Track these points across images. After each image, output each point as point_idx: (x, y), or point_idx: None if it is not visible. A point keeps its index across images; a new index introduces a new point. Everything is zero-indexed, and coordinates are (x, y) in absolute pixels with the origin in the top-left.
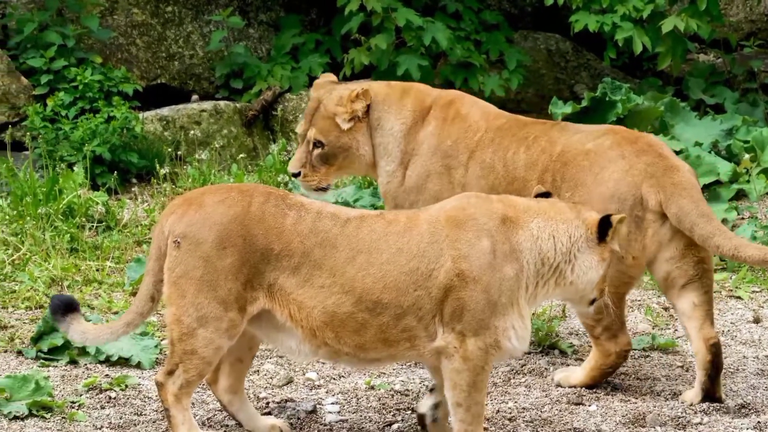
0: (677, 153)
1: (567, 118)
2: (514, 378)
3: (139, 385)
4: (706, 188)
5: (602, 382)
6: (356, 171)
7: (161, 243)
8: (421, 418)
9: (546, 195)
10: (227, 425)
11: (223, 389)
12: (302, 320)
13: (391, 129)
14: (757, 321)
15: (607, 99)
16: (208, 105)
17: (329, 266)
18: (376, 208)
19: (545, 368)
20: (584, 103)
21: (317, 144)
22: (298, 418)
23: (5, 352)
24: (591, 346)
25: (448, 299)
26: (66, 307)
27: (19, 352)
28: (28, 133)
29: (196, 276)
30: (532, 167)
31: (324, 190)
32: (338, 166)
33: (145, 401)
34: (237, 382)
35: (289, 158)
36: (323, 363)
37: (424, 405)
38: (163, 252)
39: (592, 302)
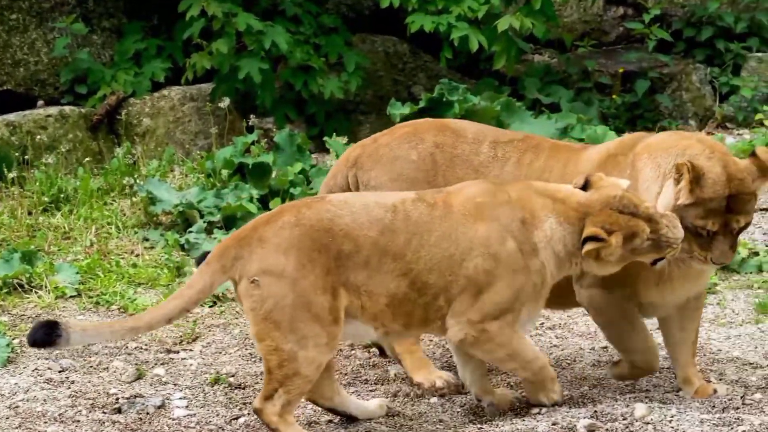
0: None
1: (405, 118)
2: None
3: None
4: None
5: None
6: None
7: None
8: None
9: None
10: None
11: (326, 398)
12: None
13: None
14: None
15: (444, 99)
16: (53, 110)
17: (392, 252)
18: (219, 209)
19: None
20: (422, 104)
21: None
22: (147, 413)
23: None
24: None
25: None
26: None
27: None
28: None
29: (287, 303)
30: None
31: None
32: None
33: None
34: (331, 384)
35: (134, 161)
36: (171, 359)
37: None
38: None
39: None
